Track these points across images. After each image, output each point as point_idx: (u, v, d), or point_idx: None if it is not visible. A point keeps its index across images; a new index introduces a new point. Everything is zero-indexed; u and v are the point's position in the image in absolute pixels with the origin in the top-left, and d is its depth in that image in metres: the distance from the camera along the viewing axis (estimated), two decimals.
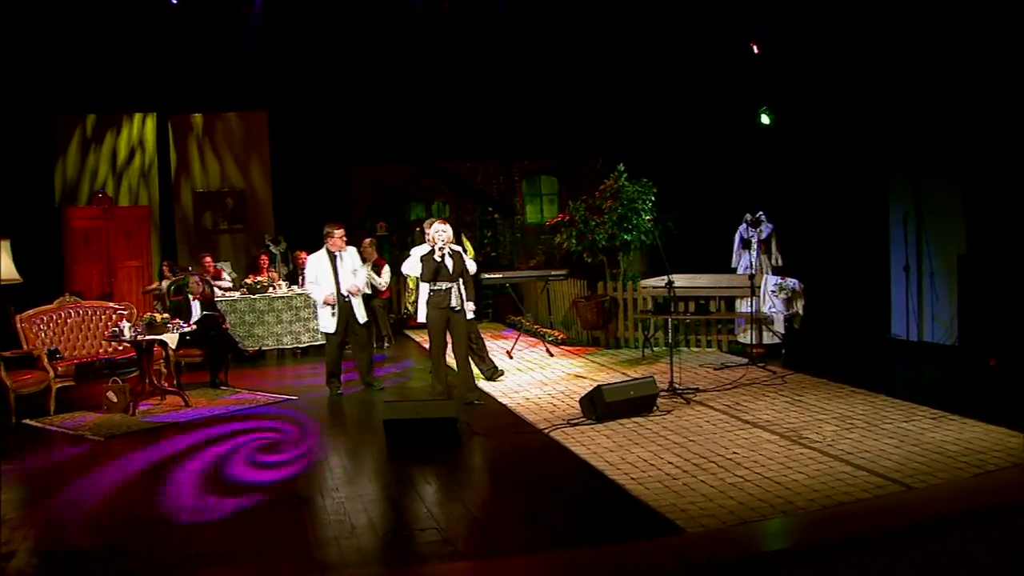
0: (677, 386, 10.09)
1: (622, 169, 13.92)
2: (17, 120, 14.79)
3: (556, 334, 14.52)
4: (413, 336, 16.00)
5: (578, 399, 9.56)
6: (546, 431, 8.74)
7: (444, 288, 9.90)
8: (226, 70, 16.38)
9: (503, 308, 17.60)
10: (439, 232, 9.95)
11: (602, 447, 8.08)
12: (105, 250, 14.24)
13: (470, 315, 10.60)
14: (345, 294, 10.97)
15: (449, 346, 10.20)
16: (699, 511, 6.27)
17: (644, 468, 7.37)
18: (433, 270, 9.84)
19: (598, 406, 8.95)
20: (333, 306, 10.91)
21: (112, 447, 8.89)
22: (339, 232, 11.02)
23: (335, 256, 11.01)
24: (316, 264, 11.06)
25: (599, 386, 9.05)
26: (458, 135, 18.40)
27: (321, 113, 17.53)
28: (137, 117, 17.06)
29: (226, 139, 17.83)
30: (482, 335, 11.97)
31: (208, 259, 14.69)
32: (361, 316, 11.11)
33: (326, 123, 17.60)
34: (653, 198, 13.78)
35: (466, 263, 10.30)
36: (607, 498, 6.76)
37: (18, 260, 12.69)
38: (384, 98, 17.62)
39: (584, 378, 11.43)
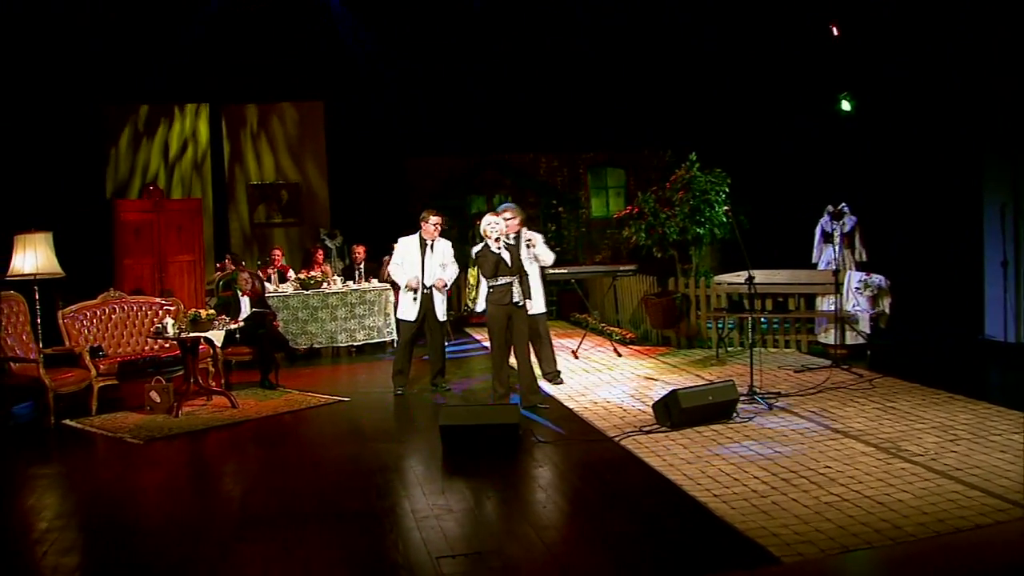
0: (757, 390, 9.32)
1: (694, 158, 13.21)
2: (69, 111, 14.45)
3: (624, 333, 13.81)
4: (474, 334, 15.37)
5: (650, 403, 8.88)
6: (617, 439, 8.02)
7: (504, 283, 9.23)
8: (281, 60, 16.02)
9: (567, 305, 16.90)
10: (492, 225, 9.30)
11: (679, 458, 7.35)
12: (156, 244, 13.74)
13: (541, 309, 9.96)
14: (428, 286, 10.41)
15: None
16: (793, 536, 5.52)
17: (727, 483, 6.63)
18: (493, 265, 9.19)
19: (673, 412, 8.23)
20: (416, 291, 10.38)
21: (151, 451, 8.35)
22: (434, 219, 10.49)
23: (426, 244, 10.47)
24: (405, 248, 10.56)
25: (674, 390, 8.32)
26: (520, 126, 17.78)
27: (378, 103, 16.98)
28: (190, 108, 16.65)
29: (281, 130, 17.37)
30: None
31: (278, 252, 14.15)
32: (441, 313, 10.55)
33: (383, 114, 17.04)
34: (727, 189, 13.04)
35: (539, 252, 9.62)
36: (688, 518, 6.03)
37: (68, 254, 12.27)
38: (443, 87, 17.07)
39: (655, 380, 10.71)
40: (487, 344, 13.81)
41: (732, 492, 6.42)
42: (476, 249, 9.47)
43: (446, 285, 10.47)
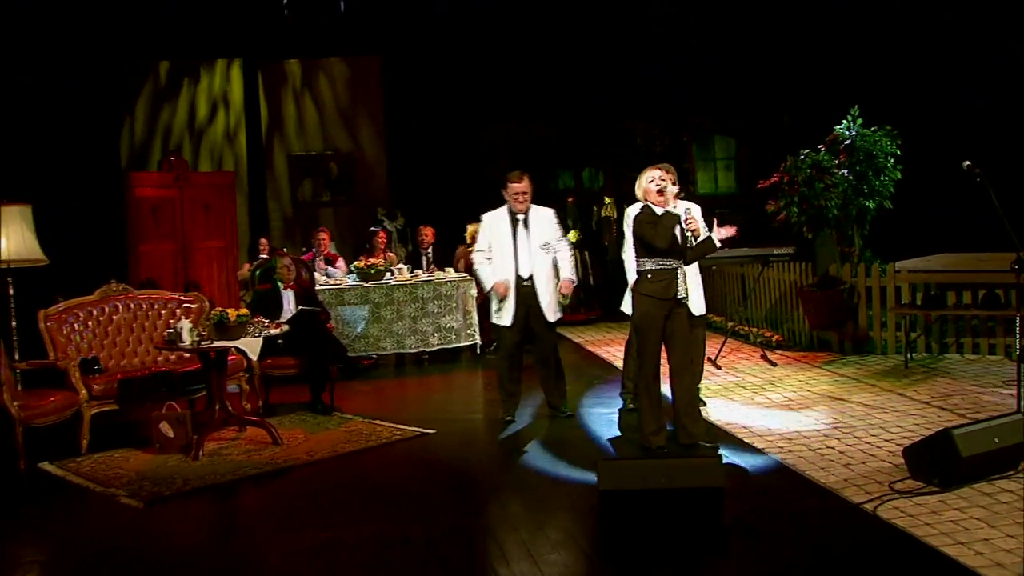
0: None
1: (856, 113, 10.53)
2: (74, 67, 12.26)
3: (766, 334, 10.96)
4: (570, 336, 12.43)
5: (864, 437, 6.38)
6: (867, 507, 5.15)
7: (668, 268, 6.37)
8: (331, 6, 13.61)
9: None
10: (658, 181, 6.45)
11: (998, 548, 4.48)
12: (179, 226, 11.20)
13: (702, 310, 7.19)
14: (526, 276, 7.58)
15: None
16: None
17: None
18: (669, 235, 6.32)
19: (946, 462, 5.35)
20: (505, 297, 7.56)
21: (153, 521, 5.56)
22: (518, 185, 7.57)
23: (517, 220, 7.64)
24: (491, 228, 7.74)
25: (947, 430, 5.41)
26: (613, 87, 15.06)
27: (447, 59, 14.44)
28: (220, 65, 14.46)
29: (329, 91, 15.12)
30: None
31: (324, 235, 11.45)
32: (550, 311, 7.65)
33: (453, 72, 14.50)
34: (898, 151, 10.41)
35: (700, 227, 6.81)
36: None
37: (70, 239, 10.34)
38: (524, 41, 14.40)
39: (843, 401, 7.86)
40: (592, 348, 11.04)
41: None
42: (633, 213, 6.66)
43: (574, 283, 7.68)
